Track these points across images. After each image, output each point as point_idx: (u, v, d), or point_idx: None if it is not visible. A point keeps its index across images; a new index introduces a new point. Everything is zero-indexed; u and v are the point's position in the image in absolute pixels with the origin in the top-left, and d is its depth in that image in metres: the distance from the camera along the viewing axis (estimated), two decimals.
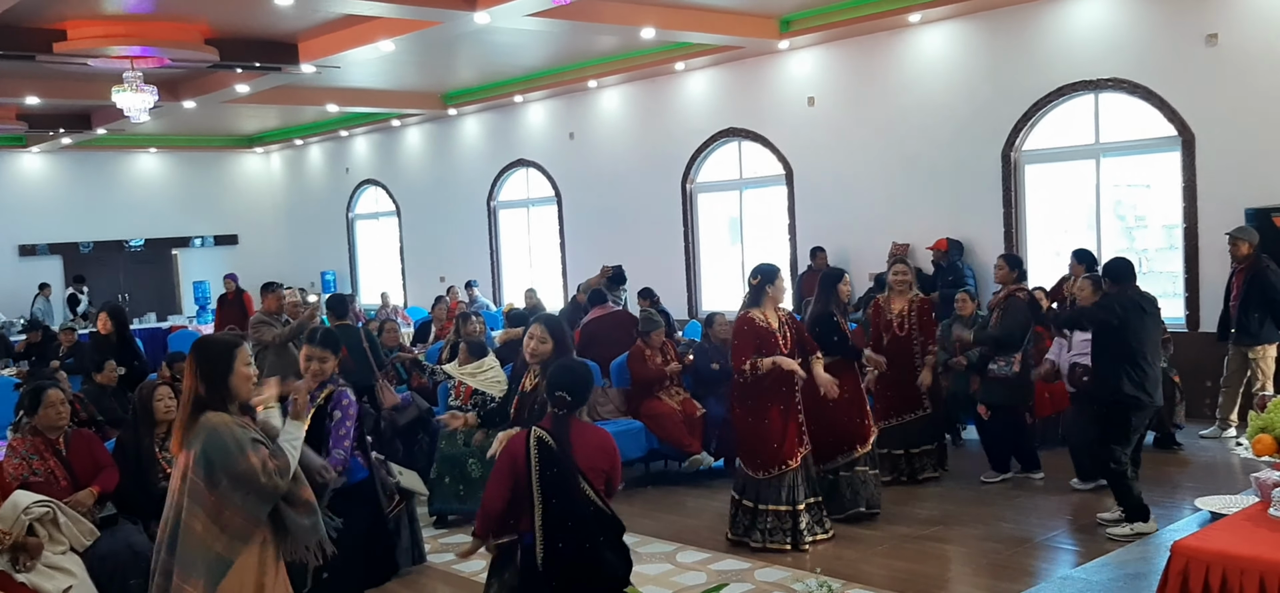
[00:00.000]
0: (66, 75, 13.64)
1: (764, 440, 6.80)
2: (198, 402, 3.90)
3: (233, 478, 3.81)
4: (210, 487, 3.81)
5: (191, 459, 3.85)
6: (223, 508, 3.81)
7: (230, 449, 3.82)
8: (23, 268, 20.23)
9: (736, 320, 6.97)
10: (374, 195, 21.14)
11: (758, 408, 6.81)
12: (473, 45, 13.32)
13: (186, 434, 3.89)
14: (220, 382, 3.92)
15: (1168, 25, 10.39)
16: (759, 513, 6.89)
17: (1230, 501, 4.63)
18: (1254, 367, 9.15)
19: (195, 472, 3.83)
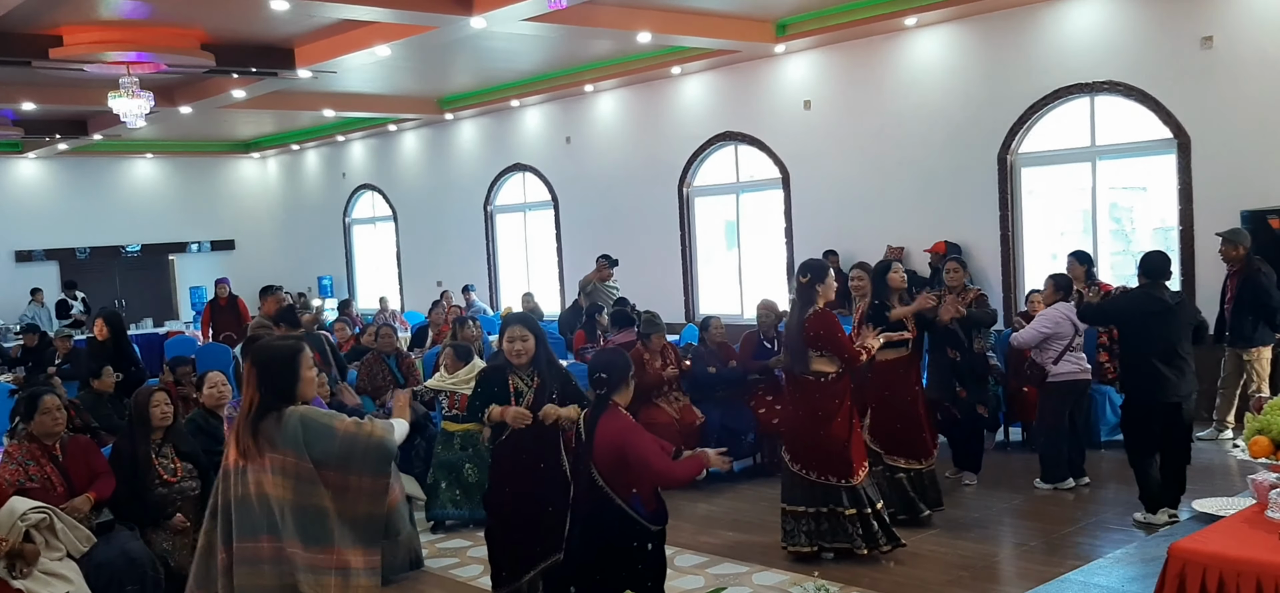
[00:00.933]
0: (62, 81, 13.62)
1: (843, 444, 6.54)
2: (264, 409, 3.85)
3: (342, 447, 3.82)
4: (322, 467, 3.81)
5: (286, 457, 3.79)
6: (346, 484, 3.82)
7: (322, 425, 3.84)
8: (19, 274, 20.19)
9: (818, 320, 6.48)
10: (370, 200, 21.13)
11: (831, 411, 6.52)
12: (469, 50, 13.32)
13: (258, 440, 3.81)
14: (288, 389, 3.89)
15: (1163, 28, 10.41)
16: (836, 518, 6.56)
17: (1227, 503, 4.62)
18: (1249, 369, 9.17)
19: (300, 462, 3.78)
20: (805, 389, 6.59)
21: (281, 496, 3.78)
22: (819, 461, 6.55)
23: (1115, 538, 6.83)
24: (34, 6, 9.99)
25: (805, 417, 6.61)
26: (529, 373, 5.59)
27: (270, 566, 3.75)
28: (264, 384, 3.88)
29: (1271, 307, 8.97)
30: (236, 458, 3.84)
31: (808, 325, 6.49)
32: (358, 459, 3.83)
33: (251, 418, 3.84)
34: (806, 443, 6.60)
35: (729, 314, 13.92)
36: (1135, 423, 7.07)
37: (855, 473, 6.55)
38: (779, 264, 14.05)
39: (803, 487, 6.61)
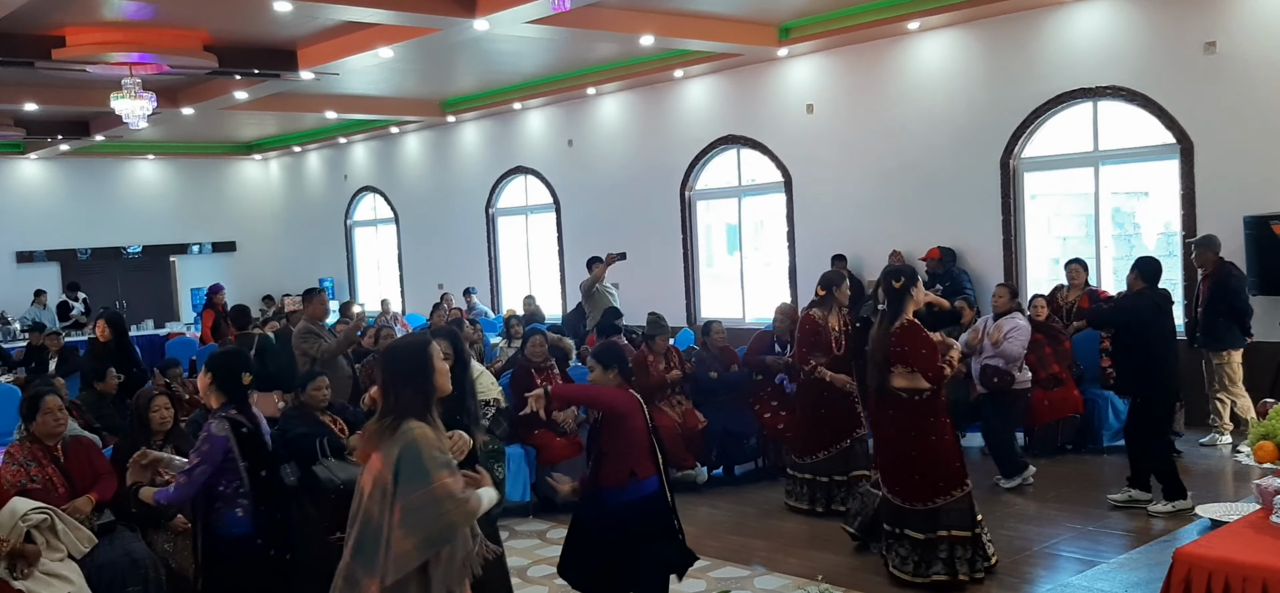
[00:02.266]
0: (65, 82, 13.63)
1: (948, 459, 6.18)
2: (400, 410, 3.77)
3: (419, 503, 3.66)
4: (397, 502, 3.68)
5: (384, 464, 3.72)
6: (400, 524, 3.67)
7: (420, 467, 3.67)
8: (21, 275, 20.19)
9: (906, 333, 6.12)
10: (372, 202, 21.14)
11: (932, 426, 6.13)
12: (472, 52, 13.32)
13: (382, 439, 3.75)
14: (424, 384, 3.80)
15: (1166, 33, 10.40)
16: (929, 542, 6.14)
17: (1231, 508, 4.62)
18: (1218, 371, 9.17)
19: (388, 476, 3.71)
20: (897, 408, 6.15)
21: (365, 501, 3.75)
22: (914, 484, 6.12)
23: (1117, 543, 6.81)
24: (37, 7, 9.99)
25: (895, 436, 6.18)
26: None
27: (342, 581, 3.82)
28: (398, 383, 3.81)
29: (1241, 309, 9.05)
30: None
31: (895, 338, 6.11)
32: (422, 524, 3.66)
33: (385, 417, 3.79)
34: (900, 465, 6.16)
35: (731, 318, 13.93)
36: (1158, 417, 7.58)
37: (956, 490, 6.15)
38: (781, 268, 14.04)
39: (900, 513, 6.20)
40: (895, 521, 6.25)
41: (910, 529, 6.14)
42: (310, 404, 6.61)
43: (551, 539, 7.52)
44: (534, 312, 14.40)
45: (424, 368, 3.82)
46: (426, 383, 3.81)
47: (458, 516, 3.71)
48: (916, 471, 6.11)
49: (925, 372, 6.03)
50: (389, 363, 3.90)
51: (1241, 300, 9.07)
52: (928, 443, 6.09)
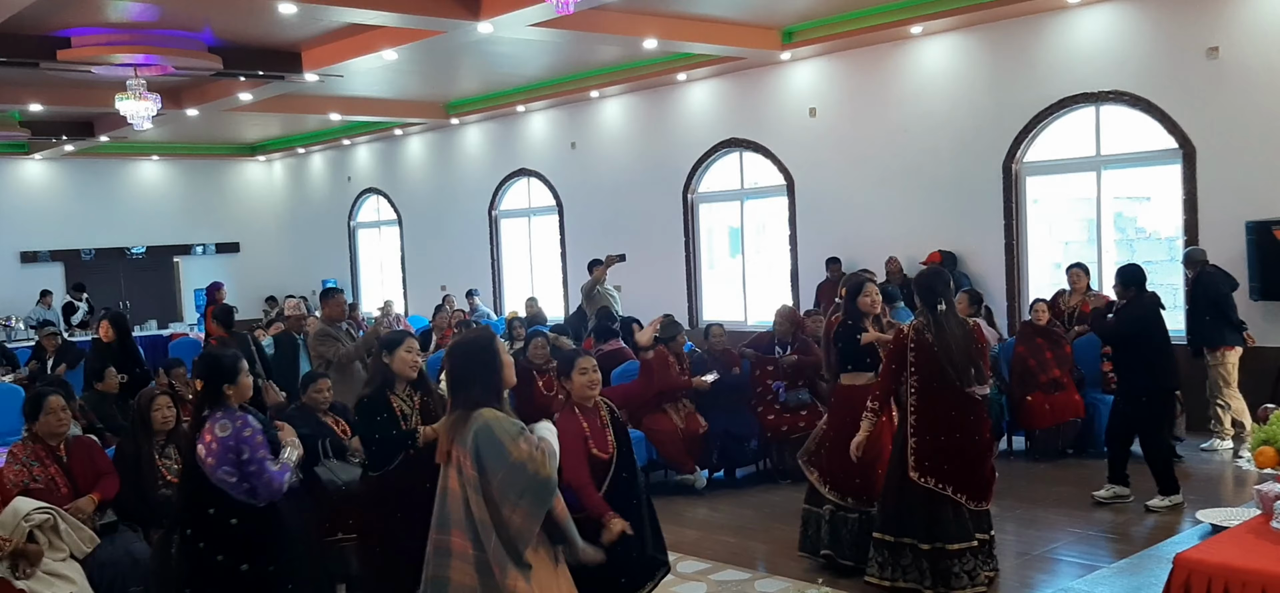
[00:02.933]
0: (70, 83, 13.66)
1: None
2: (470, 402, 3.90)
3: (508, 475, 3.80)
4: (486, 483, 3.82)
5: (466, 456, 3.85)
6: (500, 508, 3.81)
7: (498, 442, 3.82)
8: (24, 275, 20.22)
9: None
10: (375, 204, 21.16)
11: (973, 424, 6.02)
12: (475, 55, 13.34)
13: (457, 432, 3.89)
14: (492, 377, 3.93)
15: (1169, 38, 10.41)
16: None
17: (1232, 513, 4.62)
18: (1212, 372, 9.18)
19: (473, 468, 3.83)
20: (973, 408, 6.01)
21: (462, 494, 3.87)
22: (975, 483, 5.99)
23: (1117, 547, 6.81)
24: (42, 8, 10.02)
25: (966, 438, 5.99)
26: (408, 392, 5.39)
27: (458, 560, 3.85)
28: (466, 376, 3.94)
29: (1222, 302, 9.12)
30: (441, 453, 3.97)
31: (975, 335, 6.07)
32: (517, 491, 3.80)
33: (456, 410, 3.92)
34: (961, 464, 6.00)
35: (733, 321, 13.94)
36: (1156, 414, 7.88)
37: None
38: (783, 271, 14.05)
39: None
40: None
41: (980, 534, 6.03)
42: (311, 406, 6.63)
43: None
44: (536, 313, 14.39)
45: (492, 361, 3.96)
46: (495, 376, 3.95)
47: (548, 466, 3.85)
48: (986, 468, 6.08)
49: (985, 374, 6.04)
50: (458, 359, 3.99)
51: (1219, 294, 9.11)
52: (988, 443, 6.10)
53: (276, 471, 4.57)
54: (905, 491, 5.96)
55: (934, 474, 5.89)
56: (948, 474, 5.90)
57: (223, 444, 4.49)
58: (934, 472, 5.90)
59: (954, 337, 5.93)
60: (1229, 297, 9.19)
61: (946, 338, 5.91)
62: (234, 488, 4.51)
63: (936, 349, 5.90)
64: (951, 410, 5.93)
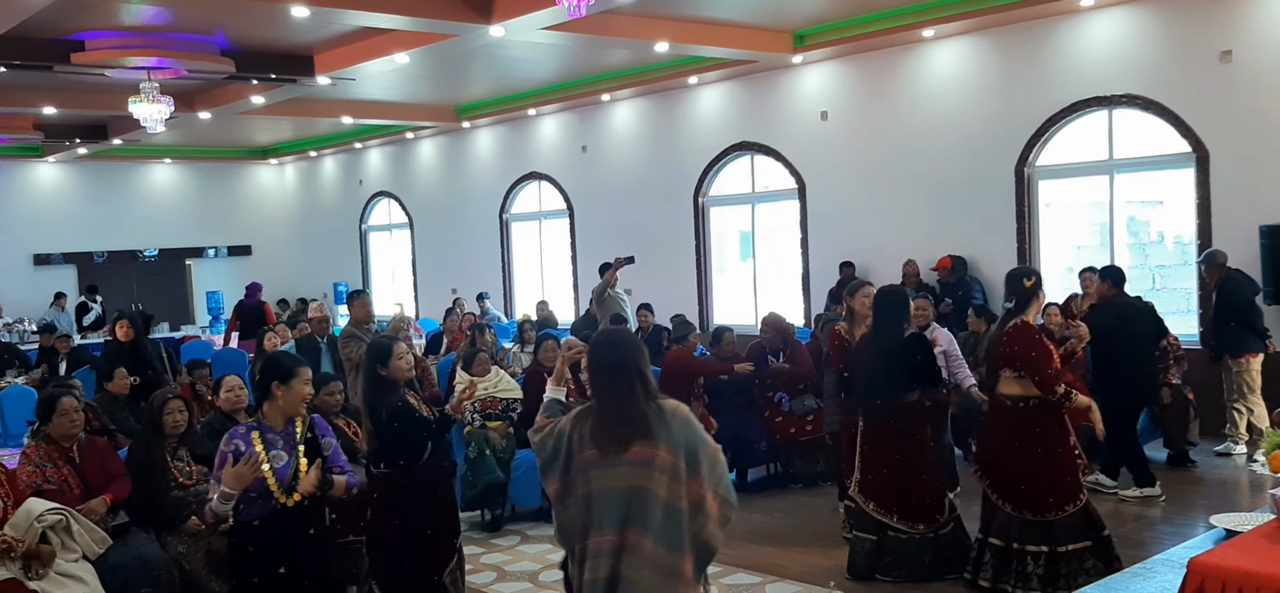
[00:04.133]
0: (83, 86, 13.73)
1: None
2: (651, 392, 3.81)
3: (709, 462, 3.77)
4: (693, 474, 3.73)
5: (664, 448, 3.72)
6: (704, 499, 3.74)
7: (699, 433, 3.80)
8: (37, 277, 20.35)
9: (1021, 332, 5.85)
10: (387, 207, 21.20)
11: (1041, 436, 5.87)
12: (486, 58, 13.36)
13: (653, 424, 3.74)
14: (648, 380, 3.85)
15: (1182, 42, 10.37)
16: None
17: (1246, 518, 4.59)
18: (1235, 378, 9.13)
19: (677, 460, 3.72)
20: (1004, 414, 5.91)
21: (650, 489, 3.70)
22: (1023, 495, 5.88)
23: (1130, 552, 6.77)
24: (56, 11, 10.07)
25: (1001, 445, 5.94)
26: (413, 394, 5.52)
27: (643, 560, 3.68)
28: (633, 372, 3.80)
29: (1246, 309, 9.08)
30: (596, 454, 3.76)
31: (1006, 339, 5.89)
32: (716, 479, 3.77)
33: (639, 408, 3.77)
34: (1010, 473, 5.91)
35: (743, 325, 13.90)
36: (1132, 413, 8.19)
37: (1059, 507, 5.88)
38: (794, 275, 14.03)
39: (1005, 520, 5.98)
40: (1009, 535, 5.95)
41: (1031, 544, 5.85)
42: (322, 409, 6.64)
43: None
44: (547, 317, 14.41)
45: (641, 359, 3.86)
46: (648, 377, 3.85)
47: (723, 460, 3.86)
48: (1023, 482, 5.86)
49: (1034, 377, 5.76)
50: (626, 353, 3.86)
51: (1244, 301, 9.06)
52: (1036, 455, 5.82)
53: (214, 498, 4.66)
54: None
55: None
56: (982, 473, 6.17)
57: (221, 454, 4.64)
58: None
59: (990, 336, 6.24)
60: (1253, 302, 9.15)
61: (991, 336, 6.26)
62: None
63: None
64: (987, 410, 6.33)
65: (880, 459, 6.44)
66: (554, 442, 3.88)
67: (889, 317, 6.46)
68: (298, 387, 4.67)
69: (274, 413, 4.73)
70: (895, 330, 6.42)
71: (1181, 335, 9.64)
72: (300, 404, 4.71)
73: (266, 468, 4.63)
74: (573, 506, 3.81)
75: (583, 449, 3.80)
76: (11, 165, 19.87)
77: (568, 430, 3.86)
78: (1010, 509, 5.93)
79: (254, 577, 4.71)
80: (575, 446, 3.82)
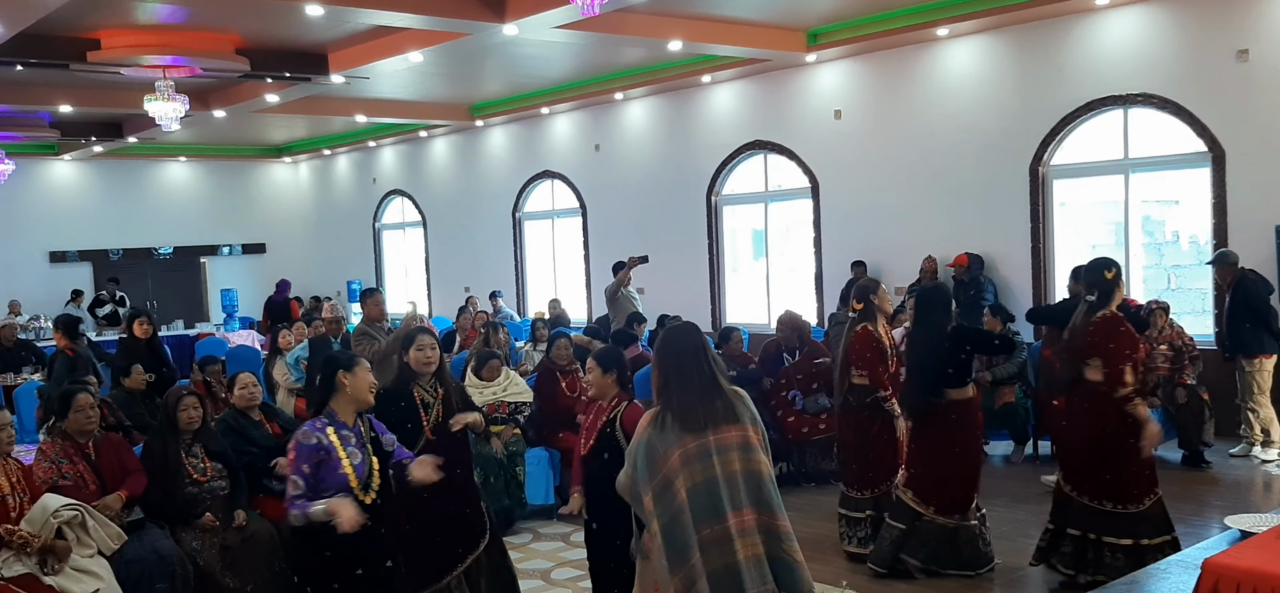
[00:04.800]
0: (99, 84, 13.80)
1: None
2: (723, 378, 4.15)
3: (764, 438, 4.17)
4: (765, 450, 4.15)
5: (753, 428, 4.11)
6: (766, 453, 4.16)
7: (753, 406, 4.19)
8: (53, 274, 20.47)
9: (1108, 324, 5.94)
10: (400, 206, 21.26)
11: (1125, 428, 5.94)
12: (500, 57, 13.38)
13: (737, 407, 4.10)
14: (716, 356, 4.21)
15: (1198, 40, 10.32)
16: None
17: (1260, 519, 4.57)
18: (1248, 379, 9.08)
19: (754, 432, 4.11)
20: (1090, 403, 5.94)
21: (743, 467, 4.03)
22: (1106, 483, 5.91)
23: None
24: (73, 10, 10.12)
25: (1085, 435, 5.97)
26: (432, 384, 5.55)
27: (748, 535, 3.97)
28: (716, 361, 4.15)
29: (1260, 309, 9.01)
30: (692, 441, 3.99)
31: (1093, 330, 5.93)
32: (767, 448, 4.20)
33: (703, 393, 4.05)
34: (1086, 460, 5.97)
35: (756, 324, 13.92)
36: None
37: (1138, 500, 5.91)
38: (807, 274, 14.01)
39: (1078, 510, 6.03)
40: (1090, 526, 5.98)
41: (1114, 536, 5.87)
42: None
43: (575, 542, 7.52)
44: (558, 315, 14.42)
45: (707, 351, 4.20)
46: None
47: None
48: (1108, 471, 5.89)
49: (1105, 368, 5.80)
50: (698, 340, 4.19)
51: (1259, 301, 9.02)
52: (1124, 445, 5.85)
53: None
54: None
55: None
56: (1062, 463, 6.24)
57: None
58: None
59: (1074, 326, 6.08)
60: (1268, 302, 9.10)
61: (1074, 326, 6.09)
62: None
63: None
64: (1065, 401, 6.17)
65: (929, 453, 6.46)
66: (632, 461, 4.05)
67: (934, 315, 6.55)
68: (361, 374, 4.58)
69: (344, 406, 4.56)
70: (940, 327, 6.49)
71: (1197, 336, 9.59)
72: (368, 393, 4.62)
73: (348, 467, 4.47)
74: (674, 507, 3.94)
75: (671, 446, 3.98)
76: (28, 163, 19.97)
77: (644, 438, 4.02)
78: (1089, 501, 5.95)
79: (334, 582, 4.48)
80: (659, 446, 3.99)
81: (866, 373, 6.70)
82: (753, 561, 3.94)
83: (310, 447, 4.38)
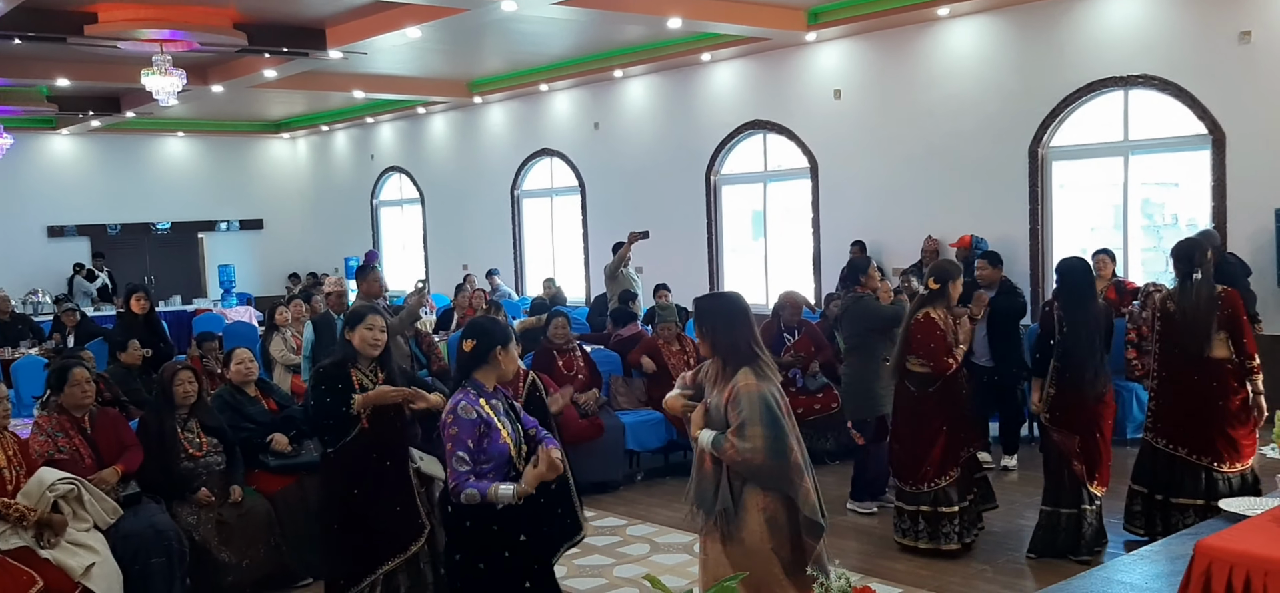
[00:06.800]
0: (96, 58, 13.75)
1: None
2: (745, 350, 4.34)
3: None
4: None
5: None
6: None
7: None
8: (51, 249, 20.46)
9: (1235, 298, 6.40)
10: (398, 182, 21.22)
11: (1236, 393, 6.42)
12: (499, 33, 13.33)
13: (760, 374, 4.29)
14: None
15: (1200, 22, 10.28)
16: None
17: (1254, 502, 4.58)
18: None
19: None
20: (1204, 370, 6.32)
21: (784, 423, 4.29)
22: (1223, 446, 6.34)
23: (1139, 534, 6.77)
24: None
25: (1203, 403, 6.34)
26: (373, 369, 5.31)
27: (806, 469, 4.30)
28: (735, 331, 4.34)
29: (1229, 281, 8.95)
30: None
31: (1223, 303, 6.30)
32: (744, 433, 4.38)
33: (748, 357, 4.29)
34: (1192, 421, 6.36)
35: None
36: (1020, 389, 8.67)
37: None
38: (806, 255, 14.00)
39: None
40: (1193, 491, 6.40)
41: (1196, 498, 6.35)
42: None
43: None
44: (555, 294, 14.41)
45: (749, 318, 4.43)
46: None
47: None
48: (1219, 435, 6.31)
49: (1242, 339, 6.25)
50: (744, 303, 4.45)
51: (1226, 275, 8.98)
52: (1237, 407, 6.29)
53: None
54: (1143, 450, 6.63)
55: (1167, 436, 6.45)
56: (1181, 438, 6.39)
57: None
58: (1167, 434, 6.45)
59: (1191, 305, 6.32)
60: (1247, 285, 9.08)
61: (1185, 306, 6.33)
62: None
63: (1177, 317, 6.35)
64: (1193, 375, 6.33)
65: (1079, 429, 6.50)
66: (761, 417, 4.18)
67: (1084, 289, 6.54)
68: (514, 351, 4.48)
69: (489, 377, 4.38)
70: (1094, 301, 6.62)
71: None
72: (515, 369, 4.56)
73: (507, 436, 4.34)
74: (793, 437, 4.28)
75: (779, 389, 4.32)
76: (26, 137, 19.92)
77: (760, 392, 4.20)
78: (1199, 459, 6.32)
79: (505, 551, 4.31)
80: (778, 392, 4.29)
81: (930, 362, 6.51)
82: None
83: (472, 422, 4.23)
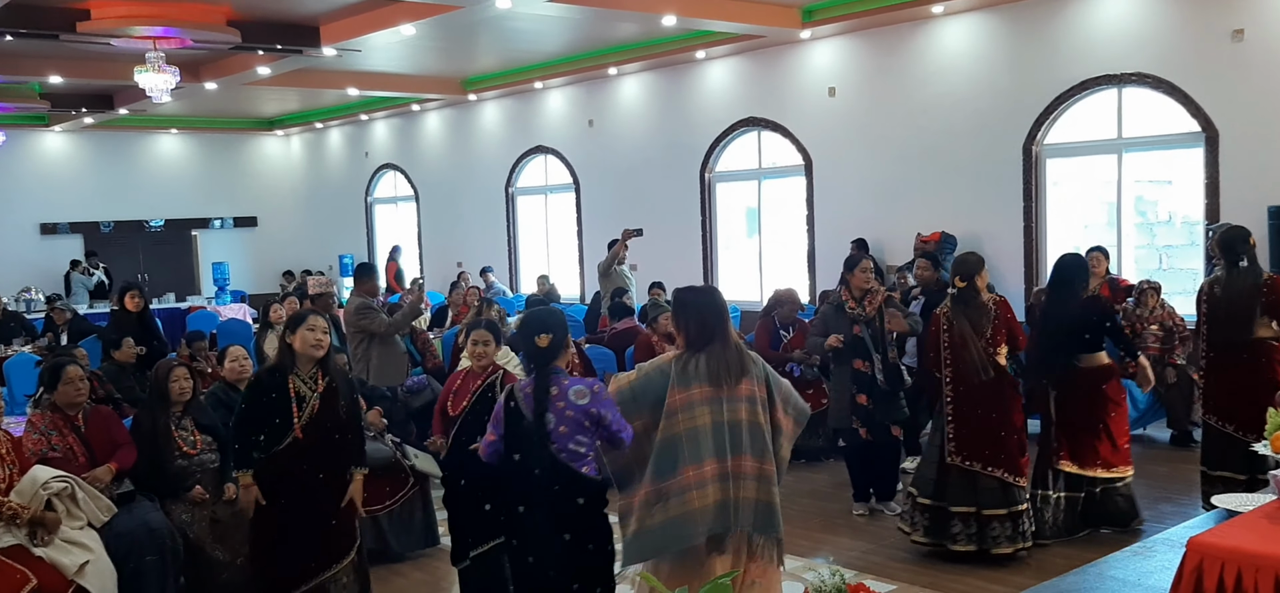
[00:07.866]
0: (89, 55, 13.71)
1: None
2: (725, 346, 4.48)
3: (784, 391, 4.59)
4: (772, 400, 4.51)
5: (756, 383, 4.48)
6: (780, 415, 4.53)
7: (765, 364, 4.60)
8: (44, 246, 20.41)
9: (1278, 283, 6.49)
10: (393, 180, 21.20)
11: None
12: (493, 31, 13.32)
13: (747, 365, 4.48)
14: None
15: (1193, 20, 10.30)
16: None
17: (1246, 498, 4.59)
18: None
19: (763, 389, 4.50)
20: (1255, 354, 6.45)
21: (749, 418, 4.41)
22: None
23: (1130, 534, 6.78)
24: None
25: (1252, 382, 6.39)
26: (313, 375, 5.18)
27: (748, 479, 4.37)
28: (713, 323, 4.48)
29: None
30: (711, 391, 4.39)
31: (1266, 289, 6.45)
32: (785, 398, 4.57)
33: (727, 351, 4.44)
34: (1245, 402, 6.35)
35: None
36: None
37: None
38: (800, 252, 14.01)
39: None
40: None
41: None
42: None
43: None
44: (548, 291, 14.41)
45: (726, 314, 4.59)
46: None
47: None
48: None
49: None
50: (721, 303, 4.58)
51: None
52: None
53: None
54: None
55: (1217, 414, 6.64)
56: (1230, 415, 6.53)
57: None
58: (1217, 412, 6.64)
59: (1235, 291, 6.50)
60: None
61: (1231, 292, 6.50)
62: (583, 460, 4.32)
63: (1222, 301, 6.53)
64: (1243, 353, 6.48)
65: (1081, 419, 6.57)
66: (644, 381, 4.44)
67: (1073, 280, 6.64)
68: (570, 342, 4.82)
69: (563, 364, 4.52)
70: (1077, 293, 6.64)
71: (1188, 317, 9.59)
72: (572, 358, 4.81)
73: None
74: (663, 442, 4.34)
75: (687, 387, 4.37)
76: (18, 134, 19.87)
77: (668, 372, 4.41)
78: (1246, 435, 6.29)
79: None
80: (676, 382, 4.37)
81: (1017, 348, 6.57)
82: (745, 502, 4.35)
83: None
